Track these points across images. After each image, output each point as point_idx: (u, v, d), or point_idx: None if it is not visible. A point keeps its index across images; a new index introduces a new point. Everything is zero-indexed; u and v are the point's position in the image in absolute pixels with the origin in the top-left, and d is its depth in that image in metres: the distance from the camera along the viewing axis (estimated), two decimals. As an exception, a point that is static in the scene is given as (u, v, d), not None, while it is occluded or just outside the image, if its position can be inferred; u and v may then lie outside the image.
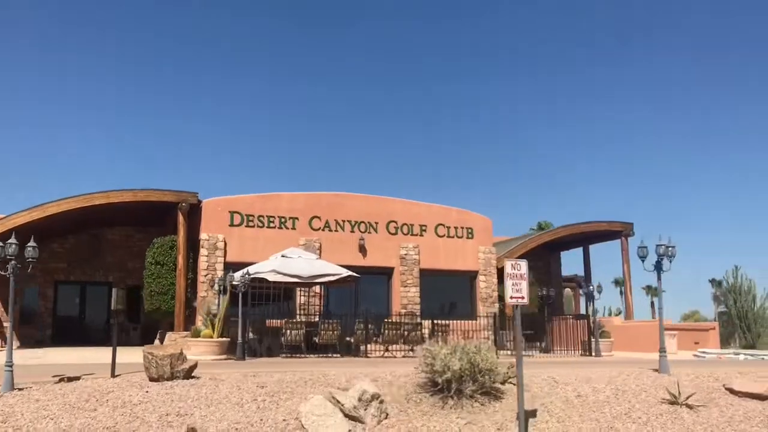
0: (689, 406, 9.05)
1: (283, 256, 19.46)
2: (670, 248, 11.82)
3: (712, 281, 76.19)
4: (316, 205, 23.40)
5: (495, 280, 25.47)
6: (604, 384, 9.77)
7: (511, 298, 7.98)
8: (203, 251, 21.42)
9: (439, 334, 19.35)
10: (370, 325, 18.60)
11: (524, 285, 8.04)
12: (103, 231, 25.49)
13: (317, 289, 22.37)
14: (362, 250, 23.67)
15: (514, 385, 9.55)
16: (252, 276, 18.46)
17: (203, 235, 21.57)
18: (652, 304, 73.10)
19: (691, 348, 22.86)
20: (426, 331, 22.86)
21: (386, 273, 24.27)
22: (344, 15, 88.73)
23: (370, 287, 24.36)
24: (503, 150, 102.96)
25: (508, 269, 8.05)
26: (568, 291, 34.60)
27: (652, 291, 73.42)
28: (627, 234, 27.60)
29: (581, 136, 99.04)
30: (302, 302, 22.28)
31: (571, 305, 35.29)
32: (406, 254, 24.23)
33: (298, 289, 22.09)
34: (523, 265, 8.27)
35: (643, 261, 12.11)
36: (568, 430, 8.17)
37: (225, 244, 21.71)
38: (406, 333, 18.76)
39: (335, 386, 9.12)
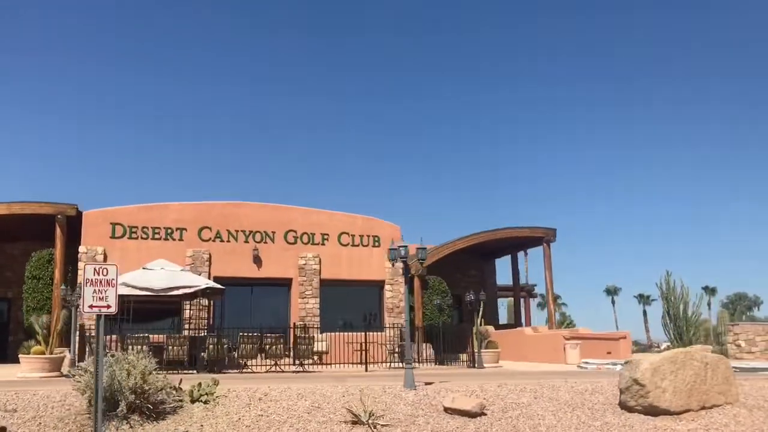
0: (373, 426, 8.14)
1: (144, 268, 18.85)
2: (420, 249, 10.93)
3: (705, 288, 74.19)
4: (207, 214, 22.79)
5: (402, 290, 24.57)
6: (310, 402, 8.90)
7: (92, 307, 7.16)
8: (81, 265, 20.91)
9: (305, 346, 18.57)
10: (224, 339, 17.85)
11: (111, 292, 7.21)
12: (3, 246, 25.12)
13: (204, 302, 21.71)
14: (257, 260, 22.97)
15: (204, 403, 8.76)
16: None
17: (82, 248, 21.11)
18: (645, 312, 71.25)
19: (604, 357, 21.69)
20: (320, 344, 22.25)
21: (285, 284, 23.54)
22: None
23: (268, 299, 23.74)
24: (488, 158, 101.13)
25: (89, 274, 7.23)
26: (510, 300, 33.46)
27: (644, 299, 71.44)
28: (549, 240, 26.48)
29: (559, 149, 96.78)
30: (189, 316, 21.62)
31: (511, 314, 34.07)
32: (305, 264, 23.48)
33: (185, 302, 21.49)
34: (111, 269, 7.46)
35: (393, 264, 11.27)
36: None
37: (105, 257, 21.16)
38: (266, 347, 17.94)
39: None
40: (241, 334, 17.98)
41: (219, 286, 19.27)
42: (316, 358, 22.05)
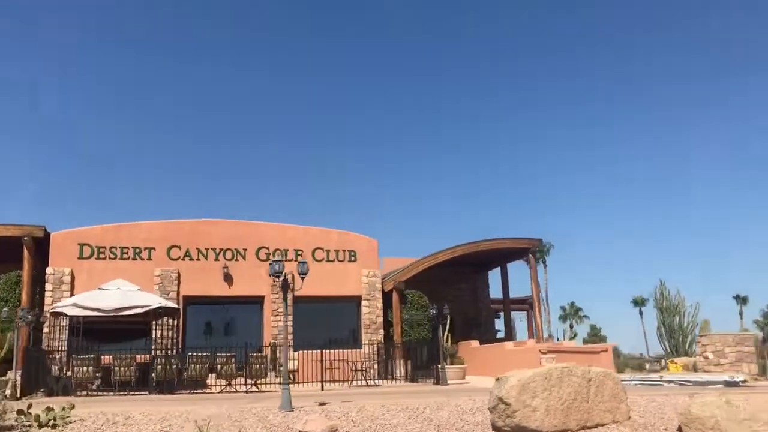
0: (208, 452, 7.66)
1: (99, 288, 18.77)
2: (301, 263, 10.46)
3: (737, 298, 71.34)
4: (176, 233, 22.63)
5: (380, 305, 24.05)
6: (164, 426, 8.46)
7: None
8: (48, 286, 20.92)
9: (256, 365, 18.18)
10: (173, 360, 17.58)
11: None
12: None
13: (172, 321, 21.50)
14: (228, 278, 22.70)
15: (52, 428, 8.41)
16: (53, 310, 17.99)
17: (49, 270, 21.11)
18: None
19: (586, 372, 20.81)
20: (290, 362, 21.82)
21: (257, 302, 23.20)
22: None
23: (242, 317, 23.45)
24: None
25: None
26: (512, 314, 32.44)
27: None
28: (534, 251, 25.68)
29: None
30: (158, 336, 21.38)
31: (513, 328, 33.06)
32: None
33: (154, 322, 21.28)
34: None
35: (274, 279, 10.83)
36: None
37: (72, 278, 21.15)
38: (218, 367, 17.61)
39: None
40: (189, 354, 17.70)
41: (173, 305, 19.11)
42: (292, 376, 21.70)
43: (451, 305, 28.78)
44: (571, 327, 59.62)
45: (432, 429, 8.27)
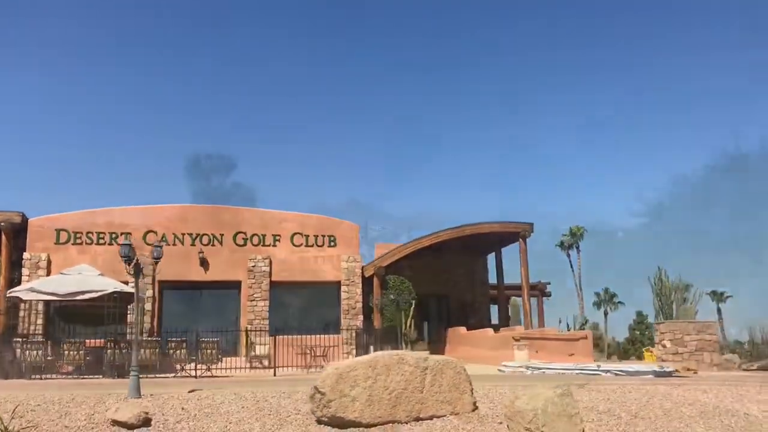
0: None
1: (61, 273, 18.93)
2: (156, 247, 10.01)
3: (786, 284, 67.68)
4: (153, 218, 22.69)
5: (359, 291, 23.60)
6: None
7: None
8: (25, 271, 21.27)
9: (209, 350, 18.01)
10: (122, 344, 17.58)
11: None
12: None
13: (148, 306, 21.62)
14: (204, 263, 22.65)
15: None
16: (9, 294, 18.20)
17: (26, 255, 21.44)
18: (719, 310, 65.62)
19: (566, 360, 19.93)
20: (262, 348, 21.69)
21: (234, 287, 23.08)
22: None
23: (220, 302, 23.42)
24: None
25: None
26: (514, 299, 31.50)
27: (718, 297, 65.83)
28: (524, 235, 24.68)
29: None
30: (132, 321, 21.49)
31: (519, 315, 32.05)
32: (254, 266, 22.95)
33: (129, 306, 21.42)
34: None
35: (129, 264, 10.42)
36: None
37: (48, 263, 21.44)
38: (170, 351, 17.54)
39: None
40: (140, 338, 17.63)
41: (129, 289, 19.01)
42: (265, 362, 21.57)
43: (451, 290, 28.36)
44: (606, 314, 57.92)
45: (255, 417, 7.81)
